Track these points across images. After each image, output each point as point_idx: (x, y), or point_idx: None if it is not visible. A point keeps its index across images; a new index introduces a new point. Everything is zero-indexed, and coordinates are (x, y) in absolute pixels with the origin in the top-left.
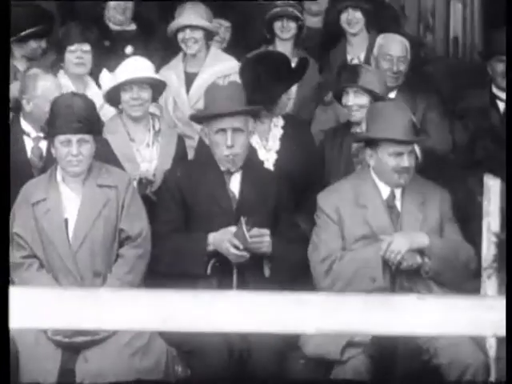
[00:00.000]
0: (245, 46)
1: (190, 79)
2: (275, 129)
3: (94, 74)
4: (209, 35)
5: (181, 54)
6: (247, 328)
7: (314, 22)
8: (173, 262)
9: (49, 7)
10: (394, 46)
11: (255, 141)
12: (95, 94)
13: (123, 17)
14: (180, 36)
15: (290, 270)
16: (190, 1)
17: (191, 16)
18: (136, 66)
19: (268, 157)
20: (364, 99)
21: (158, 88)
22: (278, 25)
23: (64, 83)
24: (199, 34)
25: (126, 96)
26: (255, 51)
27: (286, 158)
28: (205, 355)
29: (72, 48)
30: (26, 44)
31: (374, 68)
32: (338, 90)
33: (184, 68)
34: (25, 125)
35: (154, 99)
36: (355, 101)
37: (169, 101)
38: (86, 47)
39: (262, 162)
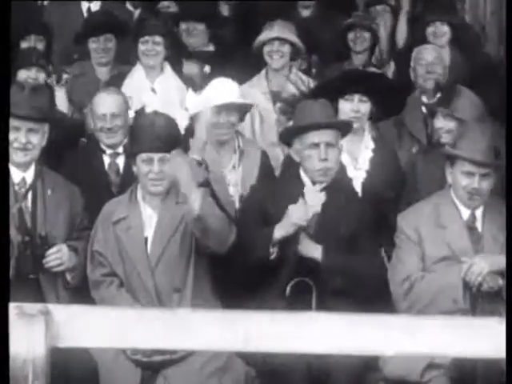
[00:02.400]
0: (321, 62)
1: (275, 97)
2: (366, 151)
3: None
4: (294, 53)
5: (263, 72)
6: (326, 349)
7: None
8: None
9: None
10: (426, 52)
11: (345, 159)
12: (170, 87)
13: (196, 39)
14: (267, 49)
15: (368, 291)
16: (279, 20)
17: (281, 30)
18: (224, 89)
19: (357, 175)
20: (452, 124)
21: (244, 110)
22: (351, 36)
23: (138, 76)
24: (286, 49)
25: (212, 120)
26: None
27: (375, 177)
28: (283, 376)
29: (144, 39)
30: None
31: (468, 90)
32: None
33: (268, 85)
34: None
35: (240, 120)
36: (445, 124)
37: (256, 119)
38: (158, 38)
39: (350, 179)
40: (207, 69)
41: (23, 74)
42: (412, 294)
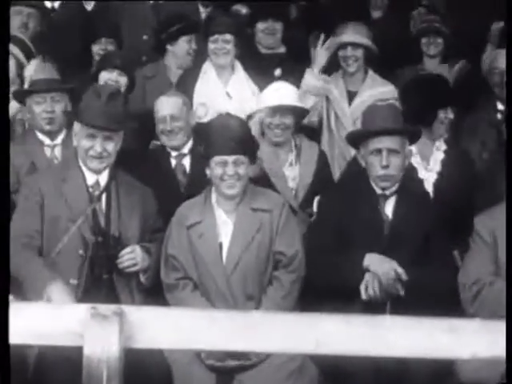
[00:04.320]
0: (392, 66)
1: (350, 96)
2: (437, 152)
3: None
4: (368, 55)
5: (340, 72)
6: (400, 353)
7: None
8: (328, 277)
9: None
10: (501, 58)
11: (416, 161)
12: (243, 89)
13: (273, 40)
14: (341, 53)
15: (441, 295)
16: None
17: (354, 34)
18: (281, 92)
19: (428, 176)
20: None
21: (301, 114)
22: (424, 41)
23: (210, 77)
24: (360, 53)
25: (267, 121)
26: (417, 75)
27: (447, 179)
28: (356, 380)
29: (214, 38)
30: (177, 43)
31: None
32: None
33: (344, 85)
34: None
35: (296, 124)
36: None
37: (331, 115)
38: (228, 36)
39: (421, 181)
40: (278, 72)
41: (104, 76)
42: (480, 298)
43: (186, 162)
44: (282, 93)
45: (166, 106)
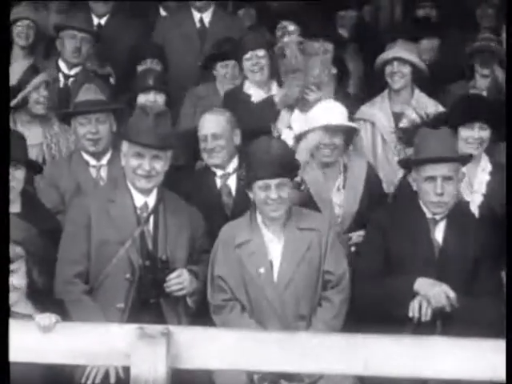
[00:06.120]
0: (440, 84)
1: (396, 118)
2: (482, 173)
3: None
4: (415, 73)
5: (386, 92)
6: (450, 374)
7: None
8: (376, 302)
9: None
10: None
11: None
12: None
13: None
14: (388, 69)
15: (488, 317)
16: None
17: (402, 50)
18: (330, 111)
19: (473, 198)
20: None
21: (350, 133)
22: (477, 59)
23: (251, 92)
24: (407, 69)
25: (317, 140)
26: (465, 94)
27: (492, 200)
28: None
29: (247, 56)
30: (224, 68)
31: None
32: None
33: (390, 106)
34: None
35: (347, 144)
36: None
37: (377, 139)
38: (261, 52)
39: (468, 203)
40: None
41: (142, 99)
42: None
43: (232, 182)
44: (333, 111)
45: (208, 123)
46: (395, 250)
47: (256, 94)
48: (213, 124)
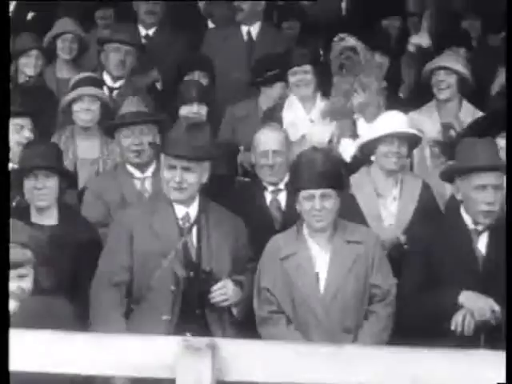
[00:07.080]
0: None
1: (445, 129)
2: None
3: None
4: (463, 84)
5: (434, 102)
6: None
7: None
8: (420, 316)
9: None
10: None
11: None
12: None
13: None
14: (434, 79)
15: None
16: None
17: (448, 59)
18: (396, 119)
19: None
20: None
21: (412, 143)
22: None
23: (295, 106)
24: (453, 79)
25: (384, 149)
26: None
27: None
28: None
29: (293, 70)
30: (272, 88)
31: None
32: None
33: (438, 117)
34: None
35: (408, 153)
36: None
37: (426, 150)
38: (307, 67)
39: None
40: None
41: (184, 110)
42: None
43: (282, 197)
44: (398, 120)
45: (269, 140)
46: (439, 263)
47: (292, 129)
48: (274, 140)
